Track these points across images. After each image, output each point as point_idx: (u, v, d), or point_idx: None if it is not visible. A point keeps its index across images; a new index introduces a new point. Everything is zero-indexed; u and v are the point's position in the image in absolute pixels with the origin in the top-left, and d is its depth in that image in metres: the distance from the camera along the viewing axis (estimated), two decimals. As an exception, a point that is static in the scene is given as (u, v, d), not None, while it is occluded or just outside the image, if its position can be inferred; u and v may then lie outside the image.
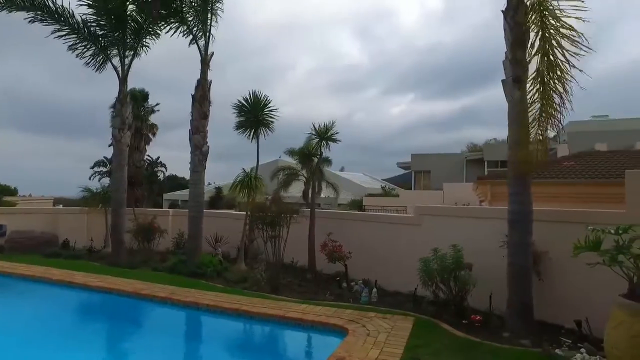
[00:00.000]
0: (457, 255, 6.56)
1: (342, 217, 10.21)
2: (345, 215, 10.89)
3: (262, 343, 6.34)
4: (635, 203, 5.52)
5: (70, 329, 6.59)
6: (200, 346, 6.15)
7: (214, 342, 6.10)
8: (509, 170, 6.31)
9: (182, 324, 6.98)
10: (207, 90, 9.71)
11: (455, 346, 5.08)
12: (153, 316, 7.07)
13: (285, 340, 6.27)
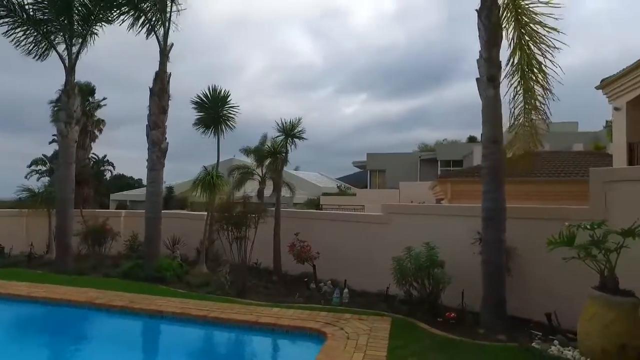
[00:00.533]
0: (430, 253, 6.56)
1: (308, 217, 10.01)
2: (312, 214, 10.71)
3: (236, 352, 5.99)
4: (598, 199, 5.77)
5: (11, 349, 5.67)
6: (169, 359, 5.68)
7: (184, 354, 5.63)
8: (482, 167, 6.41)
9: (146, 335, 6.45)
10: (166, 83, 9.10)
11: (436, 345, 5.04)
12: (112, 328, 6.41)
13: (262, 347, 5.95)
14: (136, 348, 5.84)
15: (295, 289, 8.11)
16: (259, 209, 8.51)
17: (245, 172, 11.85)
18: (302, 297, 7.58)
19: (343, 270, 8.23)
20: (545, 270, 6.07)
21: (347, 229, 8.84)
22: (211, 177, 9.28)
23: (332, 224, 9.22)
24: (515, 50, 6.09)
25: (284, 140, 9.49)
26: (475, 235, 6.62)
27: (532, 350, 4.82)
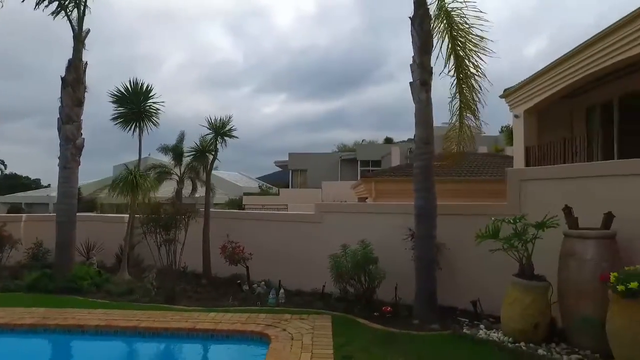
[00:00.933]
0: (365, 250, 6.78)
1: (239, 217, 9.76)
2: (242, 215, 10.46)
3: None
4: (512, 196, 6.44)
5: None
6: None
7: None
8: (415, 167, 6.79)
9: (66, 355, 5.75)
10: (82, 73, 8.21)
11: (378, 339, 5.22)
12: (22, 351, 5.59)
13: (204, 355, 5.65)
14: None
15: (227, 291, 7.87)
16: (190, 210, 8.08)
17: (163, 171, 11.23)
18: (237, 300, 7.38)
19: (276, 271, 8.16)
20: (470, 263, 6.60)
21: (280, 229, 8.79)
22: (134, 177, 8.59)
23: (264, 224, 9.10)
24: (450, 57, 6.55)
25: (214, 139, 9.13)
26: (407, 231, 7.00)
27: (464, 335, 5.24)
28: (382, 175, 14.43)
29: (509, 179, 6.56)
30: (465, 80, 6.64)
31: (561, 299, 5.03)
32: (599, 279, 4.45)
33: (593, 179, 5.49)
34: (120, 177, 8.80)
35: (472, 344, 5.02)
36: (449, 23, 6.55)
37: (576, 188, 5.57)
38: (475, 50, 6.57)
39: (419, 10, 6.59)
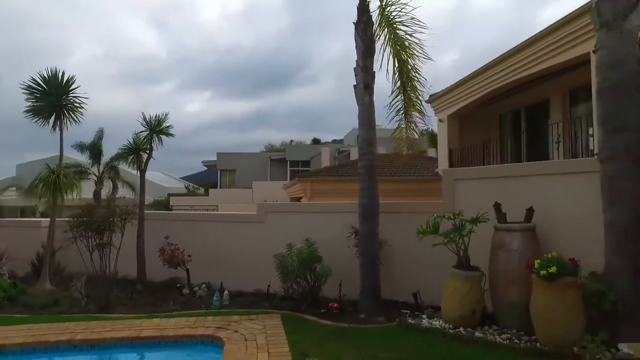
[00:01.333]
0: (311, 249, 6.90)
1: (177, 219, 9.34)
2: (180, 216, 10.01)
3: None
4: (447, 194, 6.98)
5: None
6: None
7: None
8: (359, 167, 7.06)
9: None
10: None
11: (330, 335, 5.37)
12: None
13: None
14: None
15: (166, 296, 7.54)
16: (128, 212, 7.59)
17: (79, 170, 10.38)
18: (178, 304, 7.09)
19: (217, 273, 7.96)
20: (409, 258, 7.00)
21: (221, 230, 8.59)
22: (57, 177, 7.80)
23: (203, 225, 8.83)
24: (395, 62, 6.90)
25: (149, 137, 8.65)
26: (350, 229, 7.25)
27: (410, 325, 5.59)
28: (317, 175, 14.70)
29: (443, 179, 7.10)
30: (409, 82, 7.05)
31: (492, 287, 5.59)
32: (524, 267, 5.02)
33: (516, 178, 6.17)
34: (40, 176, 7.95)
35: (417, 333, 5.37)
36: (390, 31, 6.90)
37: (502, 186, 6.21)
38: (415, 54, 7.00)
39: (362, 16, 6.87)
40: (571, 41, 8.69)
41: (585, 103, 10.89)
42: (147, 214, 8.70)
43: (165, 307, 7.00)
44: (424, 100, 7.54)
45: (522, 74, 10.51)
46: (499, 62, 11.18)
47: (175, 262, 7.74)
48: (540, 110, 12.56)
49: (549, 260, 4.66)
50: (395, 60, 6.97)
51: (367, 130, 6.91)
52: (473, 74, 12.59)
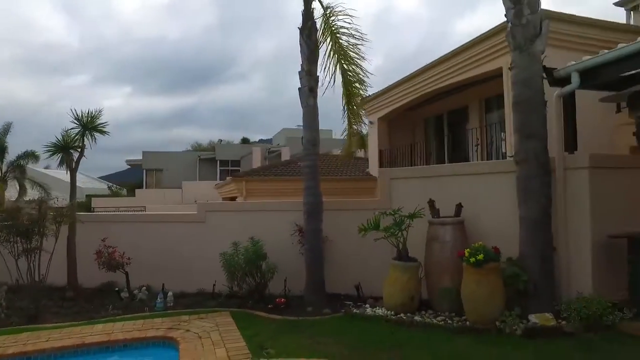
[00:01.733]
0: (256, 247, 7.05)
1: (113, 220, 8.90)
2: (117, 217, 9.53)
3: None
4: (383, 192, 7.53)
5: None
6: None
7: None
8: (303, 167, 7.36)
9: None
10: None
11: (283, 327, 5.60)
12: None
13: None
14: None
15: (103, 302, 7.22)
16: (66, 214, 7.13)
17: None
18: (118, 309, 6.84)
19: (158, 275, 7.76)
20: (349, 253, 7.44)
21: (160, 231, 8.36)
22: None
23: (141, 226, 8.54)
24: (336, 69, 7.28)
25: (81, 134, 8.16)
26: (293, 227, 7.53)
27: (355, 314, 6.02)
28: (252, 175, 14.75)
29: (380, 178, 7.66)
30: (350, 88, 7.48)
31: (427, 275, 6.21)
32: (456, 256, 5.68)
33: (446, 177, 6.89)
34: None
35: (363, 320, 5.81)
36: (333, 39, 7.30)
37: (434, 185, 6.88)
38: (355, 64, 7.47)
39: (307, 22, 7.18)
40: (486, 57, 9.79)
41: (497, 110, 12.26)
42: (80, 215, 8.19)
43: (104, 312, 6.71)
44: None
45: (445, 83, 11.59)
46: (425, 71, 12.21)
47: (114, 265, 7.43)
48: (461, 115, 13.85)
49: (476, 249, 5.35)
50: (337, 67, 7.38)
51: (311, 131, 7.23)
52: (401, 81, 13.55)
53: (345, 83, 7.37)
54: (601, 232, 5.50)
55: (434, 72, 11.86)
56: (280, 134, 37.02)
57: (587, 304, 5.06)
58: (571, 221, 5.63)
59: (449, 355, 4.51)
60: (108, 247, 7.50)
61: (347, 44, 7.35)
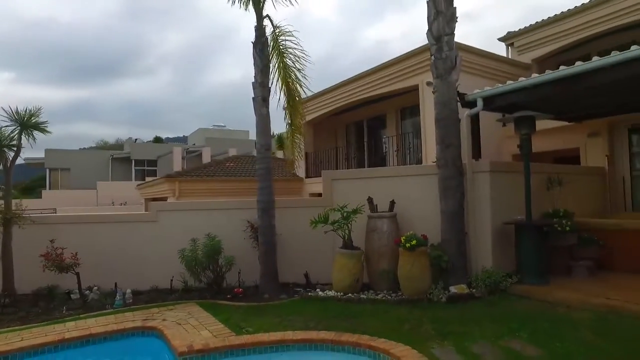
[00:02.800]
0: (213, 242, 7.63)
1: (58, 222, 8.64)
2: (63, 218, 9.16)
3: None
4: (327, 192, 8.59)
5: None
6: None
7: None
8: (258, 169, 8.11)
9: None
10: None
11: (250, 312, 6.31)
12: None
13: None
14: None
15: (46, 305, 7.16)
16: (15, 214, 6.94)
17: None
18: (72, 309, 6.91)
19: (109, 275, 7.88)
20: (296, 246, 8.36)
21: (109, 231, 8.42)
22: None
23: (90, 227, 8.49)
24: (283, 80, 8.10)
25: (19, 133, 7.90)
26: (244, 224, 8.24)
27: (310, 297, 6.98)
28: (186, 175, 14.86)
29: (323, 179, 8.70)
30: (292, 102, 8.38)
31: (367, 260, 7.40)
32: (393, 243, 6.95)
33: (380, 178, 8.17)
34: None
35: (318, 301, 6.79)
36: (280, 59, 8.16)
37: (369, 184, 8.11)
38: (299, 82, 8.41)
39: (260, 38, 7.94)
40: (406, 74, 11.44)
41: (410, 119, 14.14)
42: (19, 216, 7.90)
43: (59, 313, 6.73)
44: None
45: (369, 94, 13.10)
46: (351, 82, 13.63)
47: (64, 266, 7.41)
48: (379, 123, 15.57)
49: (410, 236, 6.66)
50: (283, 84, 8.24)
51: (264, 137, 8.01)
52: (329, 89, 14.85)
53: (289, 98, 8.24)
54: (498, 220, 7.21)
55: (359, 84, 13.34)
56: (197, 133, 36.34)
57: (489, 275, 6.68)
58: (477, 212, 7.26)
59: (395, 319, 5.69)
60: (56, 248, 7.45)
61: (292, 62, 8.23)
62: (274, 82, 8.17)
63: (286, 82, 8.30)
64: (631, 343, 4.53)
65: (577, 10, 11.07)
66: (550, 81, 6.31)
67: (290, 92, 8.35)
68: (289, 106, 8.42)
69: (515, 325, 5.18)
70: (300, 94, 8.62)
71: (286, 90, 8.36)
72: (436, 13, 7.02)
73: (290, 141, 8.91)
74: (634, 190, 9.83)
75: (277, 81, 8.37)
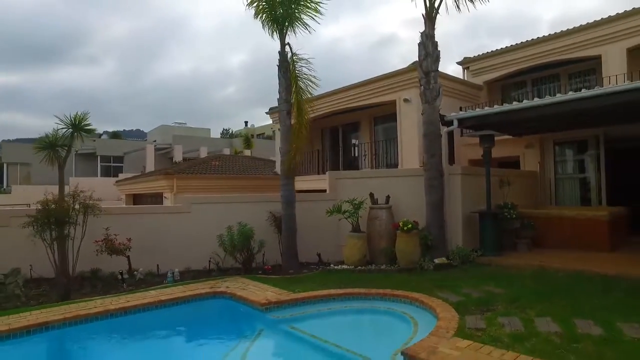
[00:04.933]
0: (246, 229, 9.32)
1: (109, 213, 9.79)
2: (112, 210, 10.25)
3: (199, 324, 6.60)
4: (334, 187, 10.59)
5: None
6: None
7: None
8: (281, 169, 9.88)
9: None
10: None
11: (288, 281, 8.09)
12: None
13: (195, 317, 6.84)
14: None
15: (103, 284, 8.41)
16: (91, 205, 8.18)
17: None
18: (131, 286, 8.29)
19: (150, 259, 9.22)
20: (309, 232, 10.26)
21: (150, 221, 9.67)
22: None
23: (135, 217, 9.72)
24: (296, 100, 9.86)
25: (70, 134, 9.08)
26: (265, 214, 10.01)
27: (329, 270, 8.97)
28: (183, 172, 16.08)
29: (329, 178, 10.71)
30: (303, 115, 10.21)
31: (369, 241, 9.51)
32: (390, 227, 9.13)
33: (376, 178, 10.35)
34: None
35: (336, 273, 8.78)
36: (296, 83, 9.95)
37: (367, 183, 10.24)
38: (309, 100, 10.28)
39: (283, 62, 9.74)
40: (385, 91, 13.68)
41: (382, 125, 16.44)
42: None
43: (121, 289, 8.09)
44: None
45: (347, 106, 15.18)
46: (330, 95, 15.61)
47: (117, 250, 8.74)
48: (353, 129, 17.77)
49: (406, 222, 8.87)
50: (295, 102, 10.02)
51: (286, 143, 9.82)
52: (312, 98, 16.70)
53: (298, 116, 9.98)
54: (466, 210, 9.66)
55: (339, 96, 15.38)
56: (159, 130, 36.49)
57: (461, 251, 9.08)
58: (452, 204, 9.65)
59: (400, 281, 7.80)
60: (112, 234, 8.76)
61: (304, 85, 10.03)
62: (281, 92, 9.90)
63: (298, 101, 10.11)
64: (552, 284, 7.06)
65: (517, 47, 13.99)
66: (502, 112, 8.90)
67: (300, 110, 10.15)
68: (297, 122, 10.20)
69: (484, 279, 7.54)
70: (308, 113, 10.44)
71: (297, 108, 10.15)
72: (425, 54, 9.30)
73: (295, 150, 10.66)
74: (557, 189, 12.89)
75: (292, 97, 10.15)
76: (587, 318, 5.14)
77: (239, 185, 16.62)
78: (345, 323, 6.49)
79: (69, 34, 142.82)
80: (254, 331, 6.09)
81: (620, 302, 5.82)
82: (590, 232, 9.57)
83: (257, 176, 17.92)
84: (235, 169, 18.49)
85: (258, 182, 17.44)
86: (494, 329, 4.92)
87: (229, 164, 18.96)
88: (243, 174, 17.93)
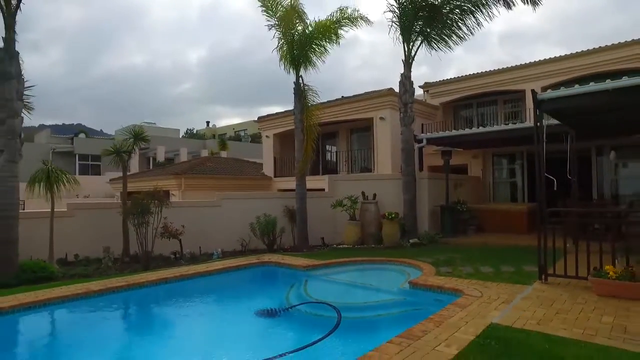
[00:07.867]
0: (271, 219, 12.19)
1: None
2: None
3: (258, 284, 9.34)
4: (331, 187, 13.71)
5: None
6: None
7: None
8: (296, 171, 12.83)
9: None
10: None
11: (310, 256, 11.12)
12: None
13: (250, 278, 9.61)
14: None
15: (159, 261, 10.94)
16: (163, 199, 10.62)
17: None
18: (187, 262, 10.89)
19: (191, 242, 11.85)
20: (314, 221, 13.28)
21: (190, 213, 12.21)
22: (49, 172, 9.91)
23: (179, 209, 12.19)
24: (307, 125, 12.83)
25: (132, 143, 11.48)
26: (282, 207, 12.94)
27: (335, 248, 12.08)
28: (190, 172, 18.38)
29: (328, 180, 13.82)
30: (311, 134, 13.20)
31: (362, 227, 12.73)
32: (378, 217, 12.42)
33: (365, 180, 13.61)
34: (37, 172, 9.81)
35: (340, 250, 11.89)
36: (307, 108, 12.95)
37: (357, 184, 13.47)
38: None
39: (298, 90, 12.70)
40: (365, 109, 16.98)
41: (357, 134, 19.72)
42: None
43: (179, 264, 10.67)
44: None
45: (328, 120, 18.27)
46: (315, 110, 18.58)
47: (174, 234, 11.27)
48: (333, 138, 20.93)
49: (389, 213, 12.20)
50: (305, 125, 12.97)
51: (300, 153, 12.77)
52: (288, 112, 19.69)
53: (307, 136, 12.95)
54: (431, 205, 13.20)
55: (322, 112, 18.39)
56: (127, 130, 37.37)
57: (428, 234, 12.57)
58: (422, 200, 13.13)
59: (389, 253, 10.97)
60: (171, 223, 11.27)
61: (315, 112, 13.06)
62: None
63: (309, 123, 13.06)
64: (490, 252, 10.65)
65: (467, 77, 17.93)
66: (457, 135, 12.53)
67: (309, 132, 13.11)
68: (305, 139, 13.14)
69: (447, 251, 11.00)
70: (315, 133, 13.42)
71: (307, 129, 13.08)
72: (404, 90, 12.69)
73: (304, 161, 13.58)
74: (494, 189, 16.91)
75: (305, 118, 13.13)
76: (508, 265, 8.70)
77: (235, 184, 19.13)
78: (363, 274, 9.56)
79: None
80: (302, 280, 9.02)
81: (526, 257, 9.43)
82: (515, 221, 13.49)
83: (249, 177, 20.54)
84: (228, 170, 20.94)
85: (250, 182, 20.06)
86: (456, 272, 8.29)
87: (221, 166, 21.37)
88: (237, 174, 20.43)
